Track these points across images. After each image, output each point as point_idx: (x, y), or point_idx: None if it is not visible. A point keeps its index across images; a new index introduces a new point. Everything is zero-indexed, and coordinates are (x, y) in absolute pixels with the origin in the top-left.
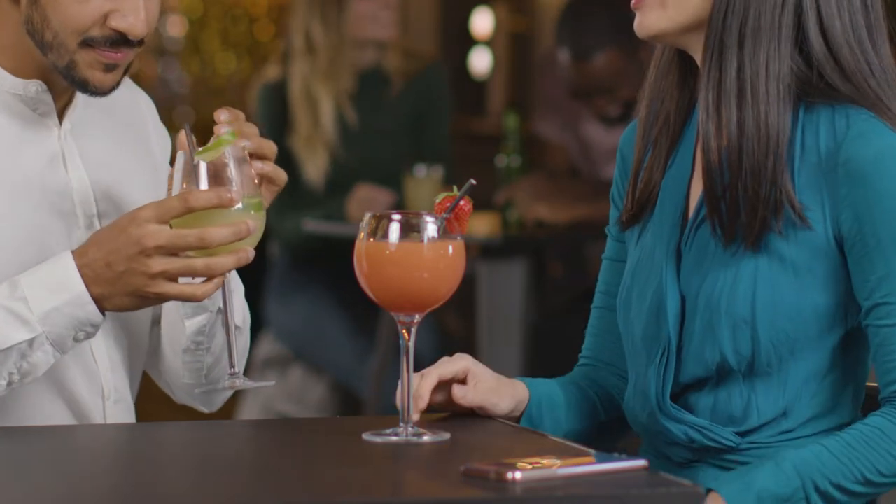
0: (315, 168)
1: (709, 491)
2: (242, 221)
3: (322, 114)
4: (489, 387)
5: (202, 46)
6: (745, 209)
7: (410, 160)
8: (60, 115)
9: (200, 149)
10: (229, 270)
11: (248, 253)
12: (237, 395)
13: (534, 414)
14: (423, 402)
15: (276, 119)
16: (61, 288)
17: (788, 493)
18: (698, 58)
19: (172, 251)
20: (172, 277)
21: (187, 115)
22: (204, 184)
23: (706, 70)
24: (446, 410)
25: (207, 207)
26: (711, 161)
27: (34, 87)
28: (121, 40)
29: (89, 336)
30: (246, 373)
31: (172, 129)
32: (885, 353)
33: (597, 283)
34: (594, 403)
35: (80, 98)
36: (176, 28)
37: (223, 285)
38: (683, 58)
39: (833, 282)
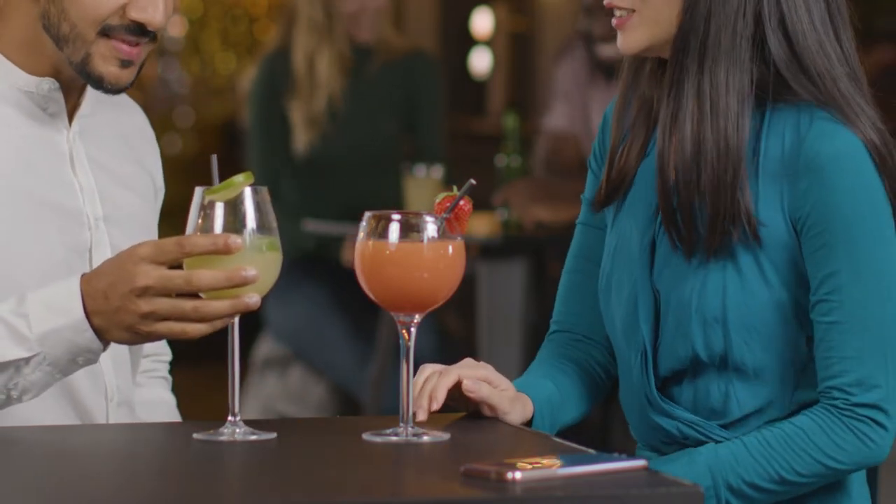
0: (305, 138)
1: None
2: (240, 268)
3: (319, 86)
4: (508, 395)
5: (202, 46)
6: (704, 224)
7: (401, 148)
8: (70, 118)
9: (212, 188)
10: (225, 316)
11: (248, 301)
12: None
13: (538, 425)
14: (438, 404)
15: (277, 87)
16: (63, 311)
17: None
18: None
19: (162, 292)
20: (161, 318)
21: (187, 115)
22: (218, 223)
23: (668, 83)
24: (453, 410)
25: (203, 254)
26: (667, 178)
27: (47, 84)
28: (138, 30)
29: (90, 362)
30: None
31: (173, 130)
32: (824, 349)
33: (570, 246)
34: (592, 381)
35: (88, 103)
36: (176, 28)
37: (230, 329)
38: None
39: (800, 277)
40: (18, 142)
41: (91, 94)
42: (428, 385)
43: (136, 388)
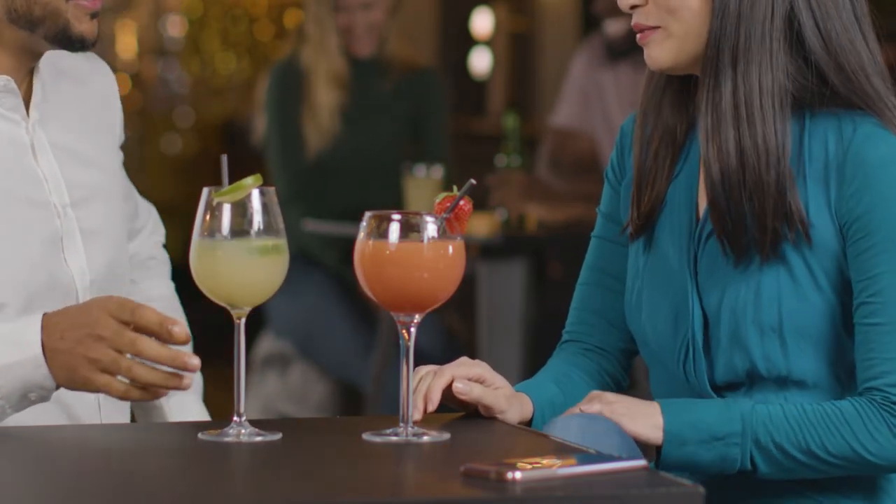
0: (313, 146)
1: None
2: (184, 354)
3: (320, 94)
4: (504, 393)
5: (202, 46)
6: (754, 225)
7: (407, 159)
8: (25, 108)
9: (221, 190)
10: (155, 387)
11: (181, 381)
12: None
13: (538, 425)
14: (433, 405)
15: (288, 96)
16: (19, 346)
17: (724, 433)
18: (701, 80)
19: (111, 346)
20: (104, 368)
21: (187, 115)
22: (225, 224)
23: (704, 94)
24: (453, 410)
25: (147, 331)
26: (715, 183)
27: (2, 82)
28: None
29: (43, 399)
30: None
31: (173, 130)
32: (865, 350)
33: (585, 259)
34: (600, 388)
35: (38, 90)
36: (176, 28)
37: (236, 329)
38: (680, 76)
39: (846, 283)
40: None
41: (40, 79)
42: (422, 386)
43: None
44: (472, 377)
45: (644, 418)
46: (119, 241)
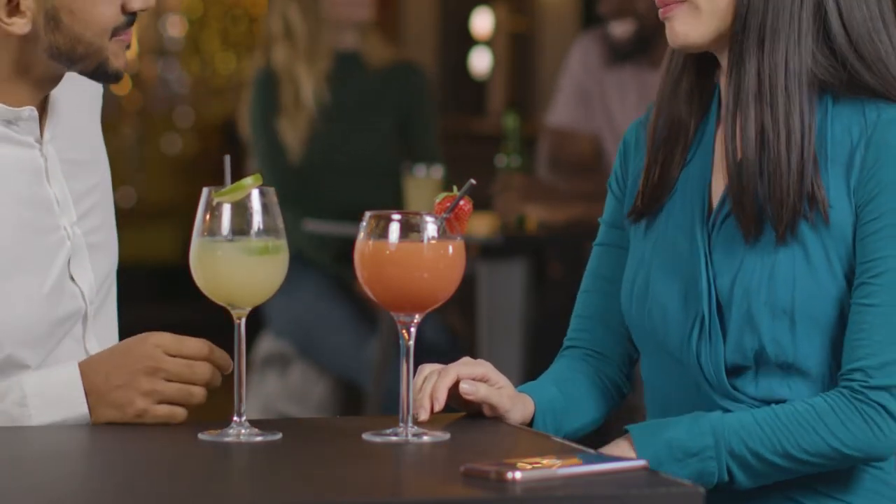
0: (295, 150)
1: (626, 432)
2: (225, 367)
3: (303, 97)
4: (507, 393)
5: (202, 46)
6: (773, 204)
7: (398, 157)
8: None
9: (221, 190)
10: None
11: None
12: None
13: (539, 426)
14: (440, 405)
15: (265, 102)
16: (65, 403)
17: (697, 448)
18: (723, 58)
19: (178, 378)
20: (164, 400)
21: (187, 115)
22: (225, 224)
23: (728, 71)
24: (455, 410)
25: (197, 359)
26: (734, 160)
27: (27, 112)
28: (134, 18)
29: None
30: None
31: (173, 130)
32: (855, 330)
33: (587, 267)
34: (601, 394)
35: (53, 112)
36: (176, 28)
37: (236, 329)
38: (694, 63)
39: (854, 272)
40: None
41: (53, 101)
42: (427, 385)
43: None
44: (476, 376)
45: (617, 452)
46: (113, 240)
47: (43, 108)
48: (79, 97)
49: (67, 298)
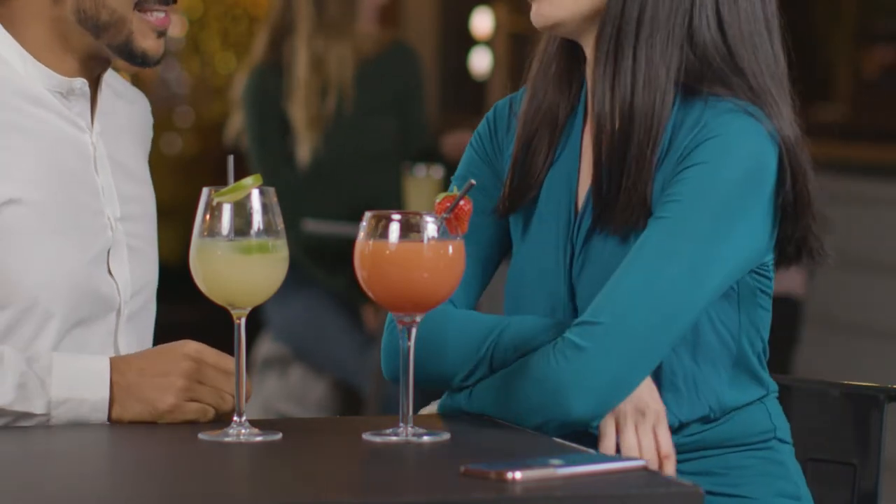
0: (308, 147)
1: None
2: (209, 407)
3: (332, 75)
4: None
5: (202, 46)
6: (632, 198)
7: (394, 146)
8: (91, 117)
9: (221, 190)
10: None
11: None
12: None
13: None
14: None
15: (271, 96)
16: (88, 389)
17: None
18: (589, 47)
19: (212, 384)
20: (194, 399)
21: (187, 115)
22: (225, 224)
23: (602, 58)
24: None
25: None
26: (603, 143)
27: (79, 83)
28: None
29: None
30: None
31: (173, 130)
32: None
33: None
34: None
35: (107, 100)
36: (176, 28)
37: (236, 330)
38: (567, 51)
39: None
40: (53, 144)
41: (106, 91)
42: None
43: None
44: None
45: None
46: (154, 264)
47: (94, 98)
48: (130, 121)
49: (98, 286)
